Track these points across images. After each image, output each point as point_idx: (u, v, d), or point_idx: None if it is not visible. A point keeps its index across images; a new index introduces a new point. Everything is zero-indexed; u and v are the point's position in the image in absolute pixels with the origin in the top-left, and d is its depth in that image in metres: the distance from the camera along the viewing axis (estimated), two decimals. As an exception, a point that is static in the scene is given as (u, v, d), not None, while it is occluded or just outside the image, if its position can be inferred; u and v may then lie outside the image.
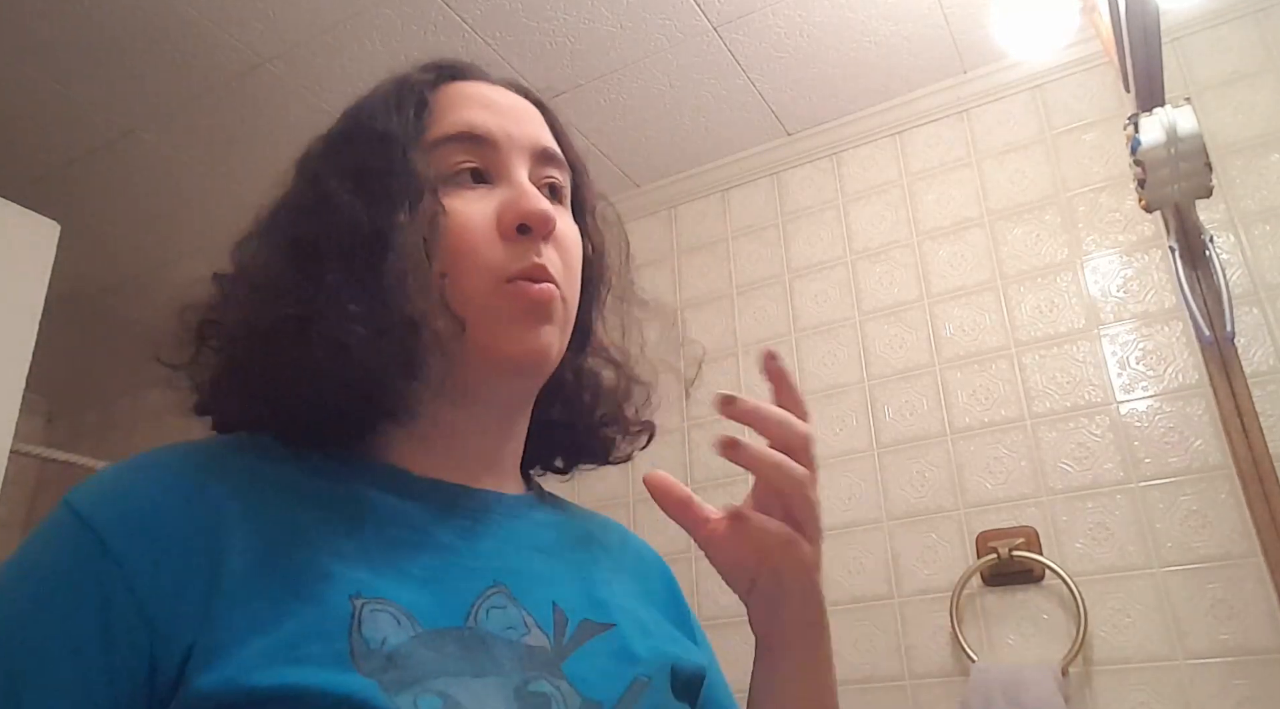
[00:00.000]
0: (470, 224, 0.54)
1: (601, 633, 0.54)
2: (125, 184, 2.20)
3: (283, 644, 0.41)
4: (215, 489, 0.47)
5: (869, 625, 1.68)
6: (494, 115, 0.58)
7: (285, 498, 0.49)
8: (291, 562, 0.45)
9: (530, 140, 0.59)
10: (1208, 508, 1.48)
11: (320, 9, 1.73)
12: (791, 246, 2.07)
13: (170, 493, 0.46)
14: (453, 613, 0.47)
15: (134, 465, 0.48)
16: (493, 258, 0.54)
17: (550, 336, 0.55)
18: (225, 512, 0.46)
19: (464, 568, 0.51)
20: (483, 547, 0.54)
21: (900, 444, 1.78)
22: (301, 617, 0.42)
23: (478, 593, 0.50)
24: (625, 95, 1.98)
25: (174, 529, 0.44)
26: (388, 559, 0.48)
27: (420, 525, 0.52)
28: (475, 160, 0.56)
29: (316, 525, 0.48)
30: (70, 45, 1.79)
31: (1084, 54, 1.83)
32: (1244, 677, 1.38)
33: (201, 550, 0.44)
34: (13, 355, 1.65)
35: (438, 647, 0.45)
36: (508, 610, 0.50)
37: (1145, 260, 1.68)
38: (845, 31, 1.82)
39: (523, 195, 0.55)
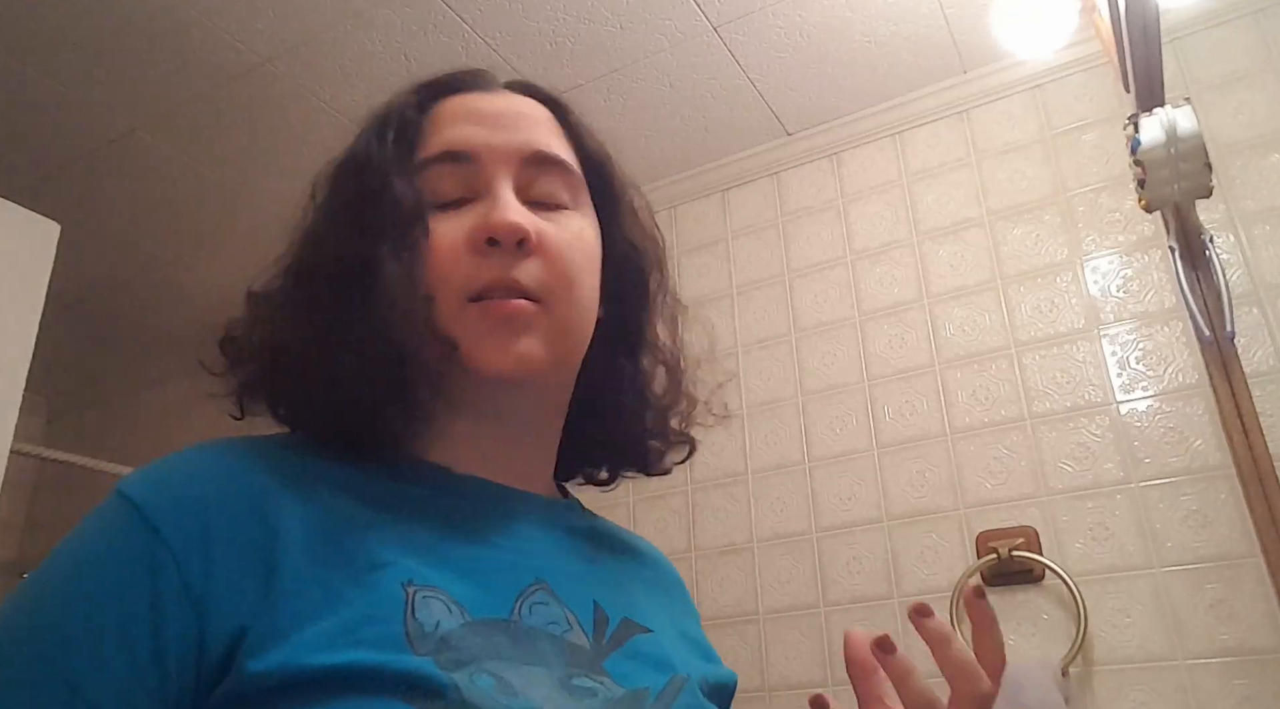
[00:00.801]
0: (444, 243, 0.54)
1: (641, 634, 0.55)
2: (125, 184, 2.20)
3: (340, 628, 0.42)
4: (264, 479, 0.48)
5: (869, 626, 1.68)
6: (477, 128, 0.58)
7: (333, 490, 0.50)
8: (344, 550, 0.46)
9: (518, 146, 0.58)
10: (1208, 508, 1.48)
11: (320, 9, 1.73)
12: (791, 246, 2.07)
13: (219, 481, 0.47)
14: (499, 605, 0.49)
15: (184, 455, 0.49)
16: (459, 276, 0.54)
17: (529, 348, 0.54)
18: (276, 500, 0.47)
19: (507, 563, 0.52)
20: (524, 544, 0.54)
21: (900, 444, 1.78)
22: (357, 603, 0.44)
23: (521, 588, 0.51)
24: (625, 95, 1.98)
25: (223, 514, 0.45)
26: (435, 551, 0.49)
27: (463, 520, 0.53)
28: (459, 178, 0.56)
29: (365, 516, 0.49)
30: (70, 45, 1.79)
31: (1084, 54, 1.83)
32: (1244, 677, 1.38)
33: (253, 536, 0.45)
34: (13, 355, 1.65)
35: (487, 635, 0.46)
36: (550, 607, 0.51)
37: (1145, 260, 1.68)
38: (845, 31, 1.82)
39: (493, 207, 0.54)
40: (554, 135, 0.61)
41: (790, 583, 1.78)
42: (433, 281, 0.54)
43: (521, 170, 0.57)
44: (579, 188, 0.61)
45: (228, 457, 0.49)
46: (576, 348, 0.59)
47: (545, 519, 0.58)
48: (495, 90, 0.62)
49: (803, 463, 1.86)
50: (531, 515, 0.57)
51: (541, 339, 0.55)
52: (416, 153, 0.57)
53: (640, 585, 0.62)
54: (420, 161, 0.57)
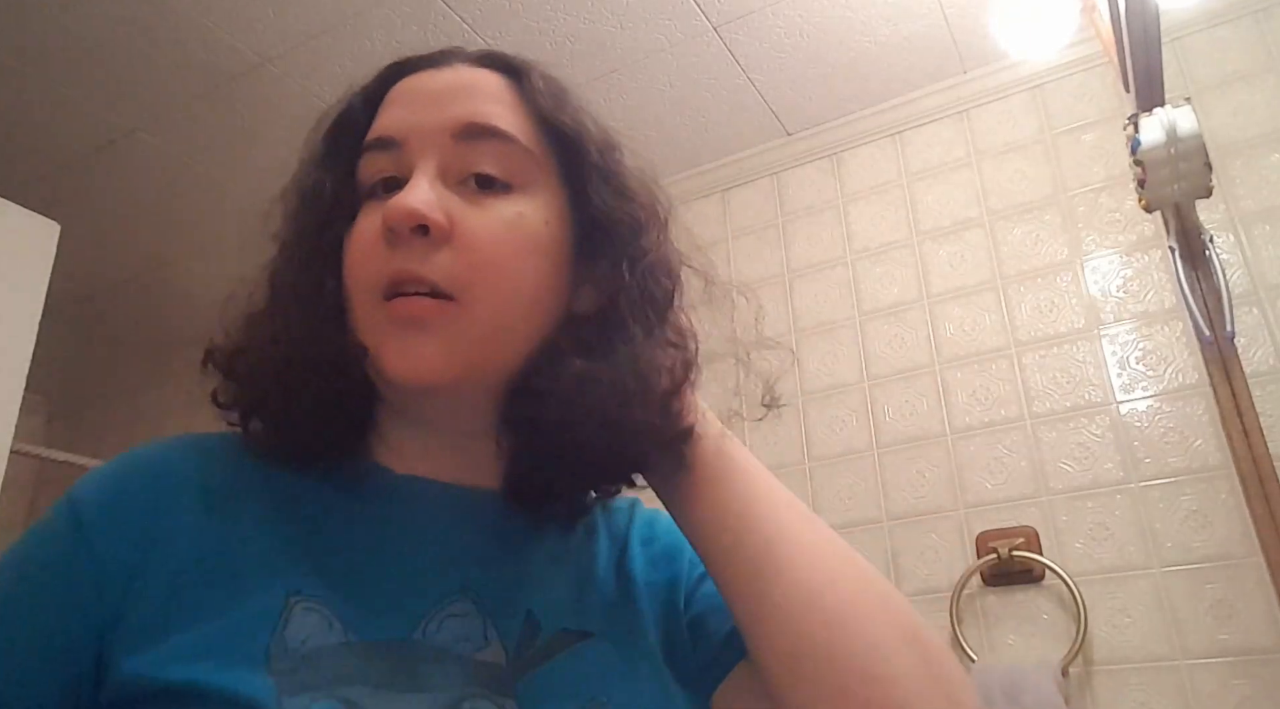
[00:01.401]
0: (359, 239, 0.51)
1: (577, 643, 0.50)
2: (125, 184, 2.20)
3: (204, 640, 0.42)
4: (185, 482, 0.48)
5: (869, 625, 1.68)
6: (407, 110, 0.53)
7: (249, 498, 0.49)
8: (237, 561, 0.46)
9: (447, 122, 0.52)
10: (1208, 508, 1.48)
11: (320, 9, 1.73)
12: (791, 246, 2.07)
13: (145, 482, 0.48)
14: (400, 624, 0.46)
15: (129, 454, 0.51)
16: (368, 272, 0.50)
17: (427, 354, 0.48)
18: (186, 507, 0.47)
19: (429, 574, 0.49)
20: (458, 551, 0.51)
21: (900, 444, 1.78)
22: (232, 614, 0.43)
23: (437, 601, 0.48)
24: (625, 95, 1.98)
25: (140, 518, 0.46)
26: (338, 563, 0.48)
27: (394, 528, 0.51)
28: (389, 167, 0.52)
29: (273, 525, 0.48)
30: (70, 45, 1.79)
31: (1084, 54, 1.83)
32: (1244, 677, 1.38)
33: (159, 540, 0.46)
34: (13, 355, 1.65)
35: (366, 657, 0.44)
36: (467, 620, 0.48)
37: (1145, 260, 1.68)
38: (845, 31, 1.82)
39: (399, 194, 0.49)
40: (501, 105, 0.54)
41: (790, 583, 1.77)
42: (349, 280, 0.51)
43: (451, 147, 0.51)
44: (528, 163, 0.53)
45: (160, 456, 0.50)
46: (504, 350, 0.51)
47: (491, 519, 0.54)
48: (450, 66, 0.56)
49: (803, 462, 1.86)
50: (475, 517, 0.53)
51: (446, 343, 0.48)
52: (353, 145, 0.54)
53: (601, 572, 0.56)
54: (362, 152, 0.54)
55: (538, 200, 0.53)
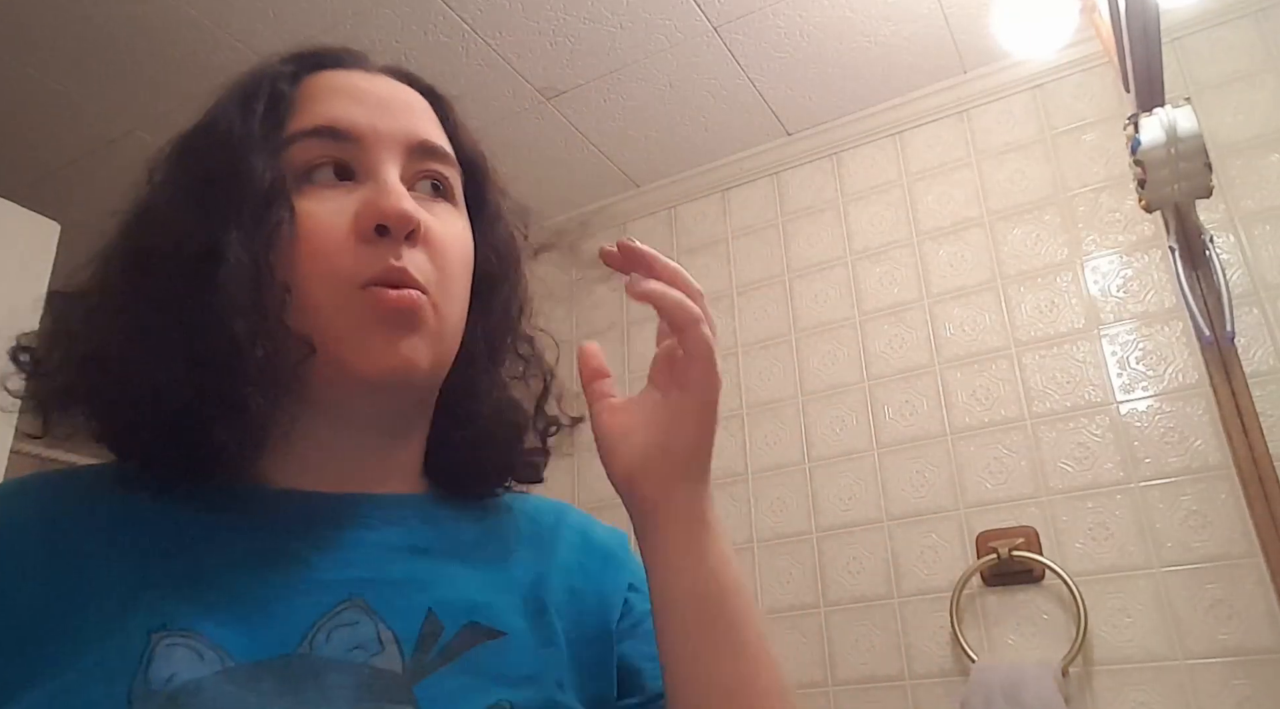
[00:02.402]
0: (321, 227, 0.49)
1: (486, 641, 0.48)
2: (125, 184, 2.20)
3: (61, 691, 0.39)
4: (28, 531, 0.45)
5: (869, 625, 1.68)
6: (361, 108, 0.53)
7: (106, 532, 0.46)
8: (88, 606, 0.42)
9: (404, 134, 0.53)
10: (1208, 508, 1.48)
11: (320, 9, 1.73)
12: (791, 246, 2.07)
13: None
14: (283, 639, 0.43)
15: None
16: (345, 263, 0.48)
17: (415, 349, 0.49)
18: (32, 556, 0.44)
19: (313, 583, 0.46)
20: (344, 556, 0.49)
21: (900, 444, 1.78)
22: (88, 659, 0.40)
23: (324, 611, 0.45)
24: (625, 95, 1.98)
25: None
26: (213, 588, 0.44)
27: (265, 544, 0.48)
28: (336, 157, 0.51)
29: (134, 558, 0.45)
30: (70, 45, 1.79)
31: (1084, 54, 1.83)
32: (1244, 677, 1.38)
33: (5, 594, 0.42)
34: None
35: (246, 682, 0.41)
36: (359, 627, 0.45)
37: (1145, 260, 1.68)
38: (845, 31, 1.82)
39: (385, 192, 0.49)
40: (435, 127, 0.57)
41: (790, 583, 1.78)
42: (300, 268, 0.48)
43: (407, 159, 0.53)
44: (457, 183, 0.57)
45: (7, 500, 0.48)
46: (452, 350, 0.54)
47: (382, 521, 0.52)
48: (375, 72, 0.57)
49: (803, 463, 1.86)
50: (361, 521, 0.51)
51: (428, 338, 0.50)
52: (285, 127, 0.52)
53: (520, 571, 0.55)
54: (290, 135, 0.51)
55: (464, 219, 0.57)
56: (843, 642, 1.69)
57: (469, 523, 0.56)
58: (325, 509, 0.50)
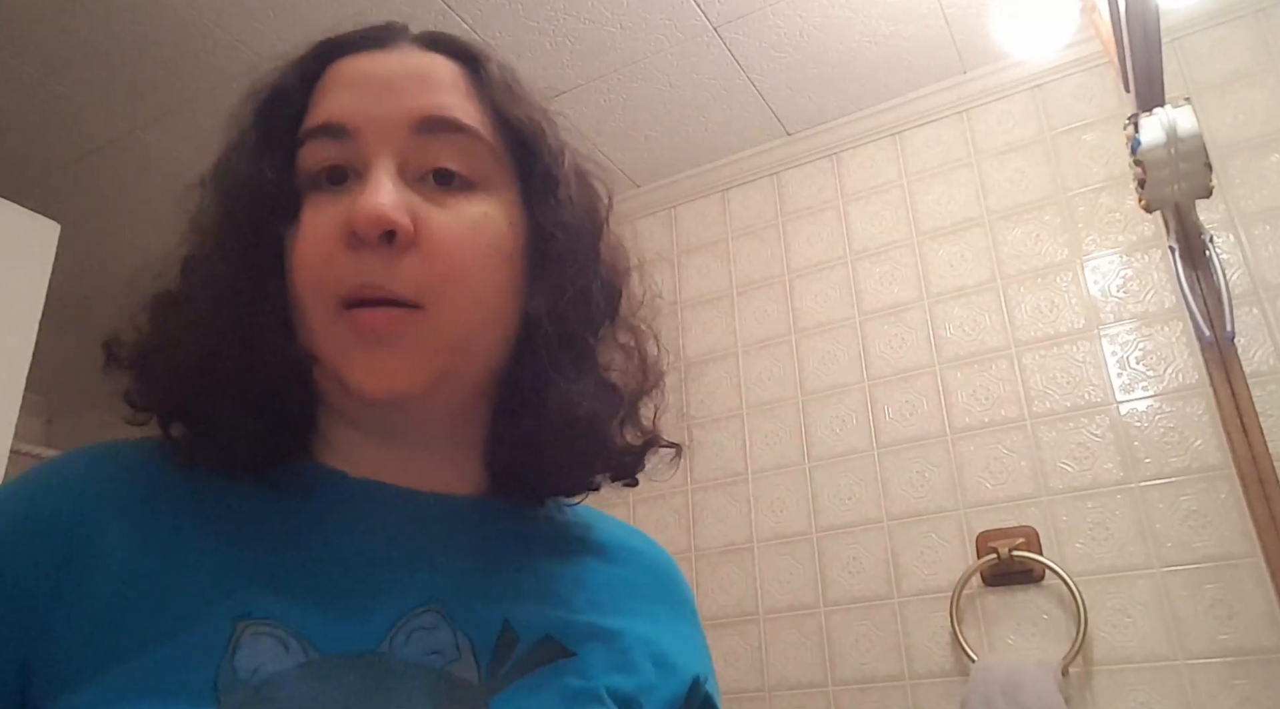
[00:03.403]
0: (313, 237, 0.46)
1: (559, 659, 0.47)
2: (125, 184, 2.20)
3: (147, 673, 0.38)
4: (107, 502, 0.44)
5: (869, 625, 1.68)
6: (359, 95, 0.49)
7: (184, 510, 0.45)
8: (175, 584, 0.41)
9: (404, 113, 0.48)
10: (1208, 508, 1.48)
11: (320, 9, 1.73)
12: (791, 246, 2.07)
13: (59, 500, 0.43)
14: (367, 636, 0.43)
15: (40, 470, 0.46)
16: (329, 276, 0.46)
17: (395, 371, 0.46)
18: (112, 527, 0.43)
19: (392, 583, 0.45)
20: (423, 559, 0.48)
21: (900, 444, 1.78)
22: (174, 643, 0.39)
23: (403, 613, 0.44)
24: (625, 95, 1.98)
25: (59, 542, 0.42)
26: (295, 575, 0.44)
27: (350, 536, 0.47)
28: (336, 157, 0.48)
29: (215, 539, 0.44)
30: (70, 45, 1.79)
31: (1084, 54, 1.83)
32: (1244, 677, 1.38)
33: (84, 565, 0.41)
34: (13, 355, 1.65)
35: (328, 677, 0.40)
36: (437, 633, 0.44)
37: (1145, 260, 1.68)
38: (845, 31, 1.82)
39: (364, 193, 0.45)
40: (460, 96, 0.51)
41: (790, 583, 1.78)
42: (301, 283, 0.46)
43: (410, 141, 0.48)
44: (488, 159, 0.50)
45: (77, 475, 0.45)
46: (472, 355, 0.50)
47: (466, 525, 0.51)
48: (397, 47, 0.53)
49: (803, 463, 1.86)
50: (444, 523, 0.50)
51: (416, 354, 0.46)
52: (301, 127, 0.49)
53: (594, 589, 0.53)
54: (299, 137, 0.49)
55: (499, 200, 0.51)
56: (843, 642, 1.69)
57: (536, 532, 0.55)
58: (399, 506, 0.49)
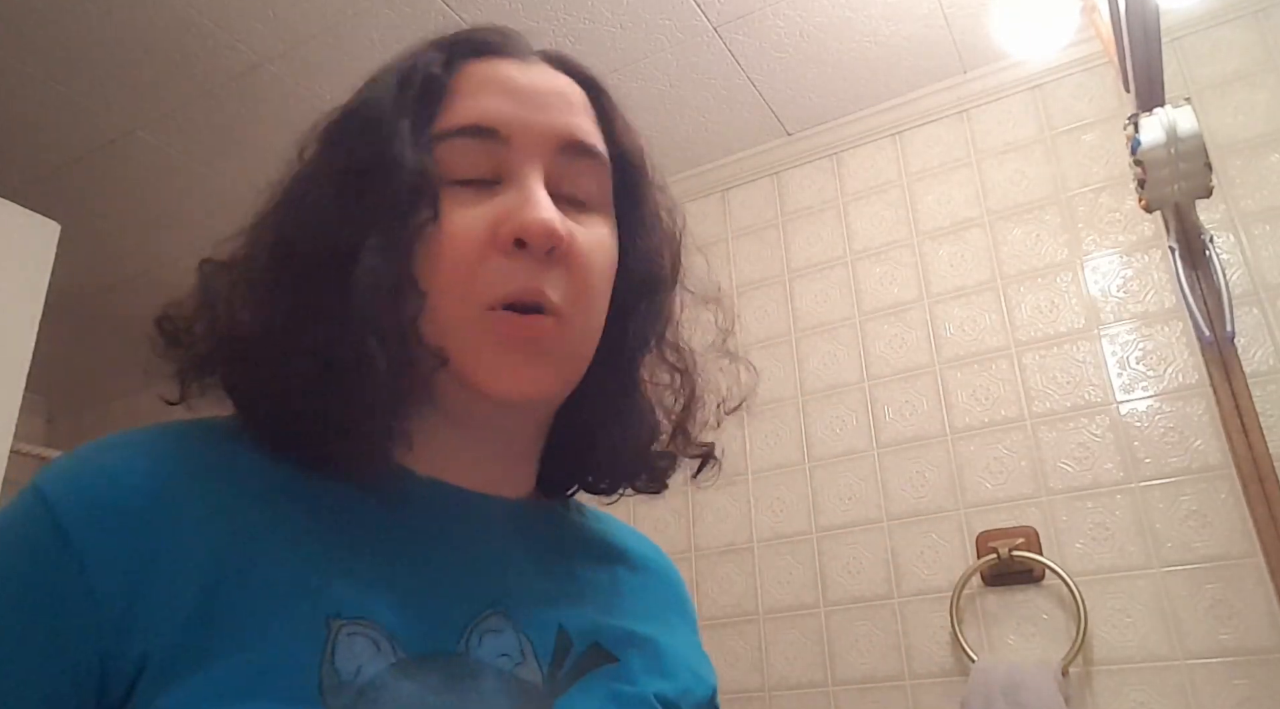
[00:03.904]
0: (461, 236, 0.46)
1: (605, 665, 0.49)
2: (125, 184, 2.20)
3: (250, 671, 0.38)
4: (187, 485, 0.42)
5: (869, 625, 1.68)
6: (512, 102, 0.50)
7: (263, 499, 0.44)
8: (265, 576, 0.41)
9: (554, 131, 0.50)
10: (1208, 508, 1.48)
11: (320, 9, 1.73)
12: (791, 246, 2.07)
13: (136, 485, 0.41)
14: (446, 636, 0.44)
15: (107, 448, 0.44)
16: (479, 277, 0.46)
17: (540, 379, 0.48)
18: (193, 513, 0.41)
19: (462, 586, 0.46)
20: (487, 562, 0.49)
21: (900, 444, 1.78)
22: (271, 641, 0.39)
23: (474, 615, 0.45)
24: (625, 95, 1.96)
25: (138, 526, 0.40)
26: (378, 572, 0.44)
27: (419, 535, 0.47)
28: (483, 158, 0.48)
29: (296, 532, 0.43)
30: (70, 45, 1.79)
31: (1084, 54, 1.83)
32: (1244, 677, 1.38)
33: (165, 553, 0.40)
34: (13, 355, 1.65)
35: (418, 677, 0.41)
36: (504, 635, 0.45)
37: (1145, 260, 1.68)
38: (845, 31, 1.82)
39: (526, 202, 0.46)
40: (590, 122, 0.53)
41: (790, 583, 1.78)
42: (435, 278, 0.46)
43: (554, 159, 0.50)
44: (607, 185, 0.53)
45: (152, 454, 0.43)
46: (584, 366, 0.52)
47: (517, 529, 0.52)
48: (530, 60, 0.54)
49: (803, 463, 1.86)
50: (501, 526, 0.51)
51: (556, 362, 0.49)
52: (436, 121, 0.49)
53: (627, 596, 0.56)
54: (440, 132, 0.48)
55: (608, 223, 0.53)
56: (843, 642, 1.69)
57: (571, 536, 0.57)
58: (465, 508, 0.50)
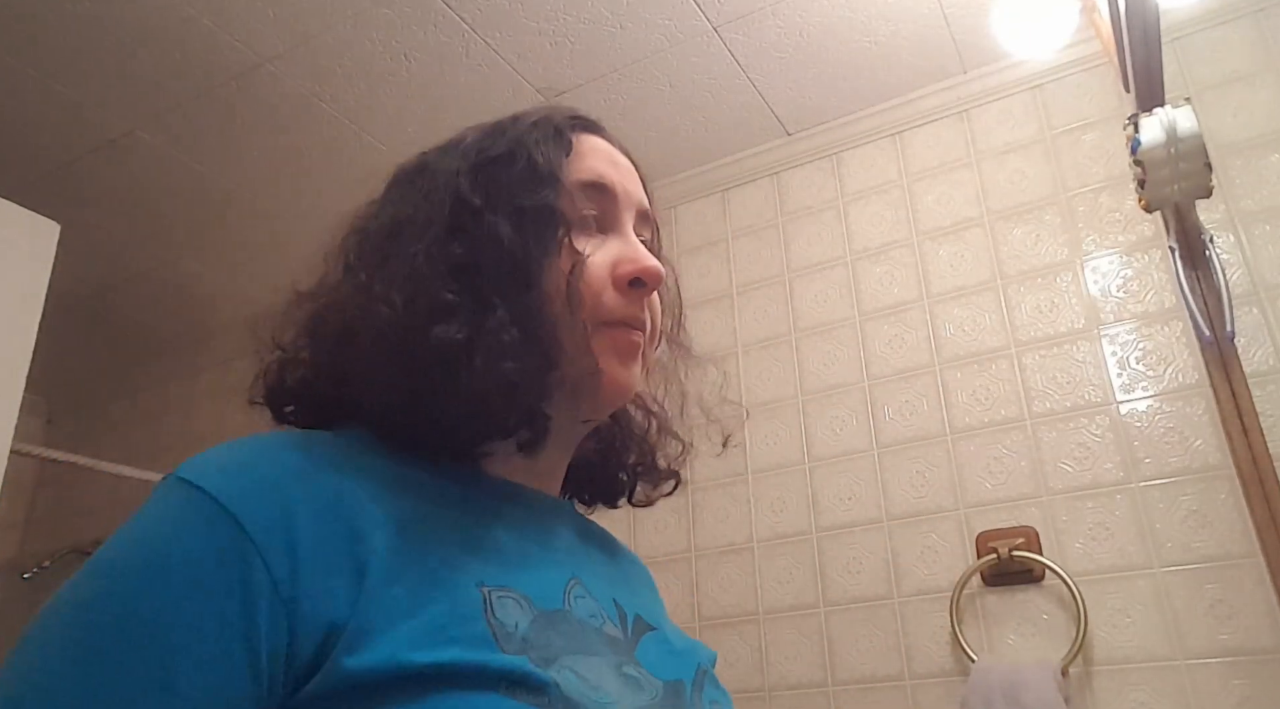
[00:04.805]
0: (596, 272, 0.58)
1: (651, 631, 0.59)
2: (125, 184, 2.20)
3: (430, 626, 0.44)
4: (337, 475, 0.48)
5: (869, 625, 1.68)
6: (616, 172, 0.63)
7: (402, 491, 0.51)
8: (423, 551, 0.48)
9: (637, 200, 0.64)
10: (1208, 508, 1.48)
11: (321, 9, 1.73)
12: (791, 246, 2.07)
13: (295, 473, 0.47)
14: (555, 597, 0.52)
15: (251, 447, 0.49)
16: (606, 303, 0.58)
17: (636, 378, 0.61)
18: (354, 497, 0.47)
19: (549, 560, 0.56)
20: (560, 545, 0.59)
21: (900, 444, 1.78)
22: (440, 602, 0.45)
23: (564, 582, 0.54)
24: (625, 95, 1.98)
25: (306, 508, 0.45)
26: (499, 552, 0.52)
27: (516, 523, 0.56)
28: (597, 209, 0.60)
29: (435, 518, 0.51)
30: (70, 45, 1.79)
31: (1084, 54, 1.83)
32: (1244, 677, 1.38)
33: (337, 533, 0.45)
34: (13, 355, 1.65)
35: (555, 627, 0.49)
36: (588, 600, 0.54)
37: (1145, 260, 1.68)
38: (845, 31, 1.82)
39: (638, 251, 0.60)
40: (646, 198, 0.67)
41: (790, 583, 1.78)
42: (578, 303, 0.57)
43: (636, 221, 0.63)
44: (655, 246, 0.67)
45: (295, 450, 0.49)
46: None
47: (567, 523, 0.63)
48: (611, 139, 0.67)
49: (803, 463, 1.86)
50: (561, 518, 0.62)
51: (641, 369, 0.62)
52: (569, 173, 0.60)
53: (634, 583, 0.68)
54: (573, 183, 0.60)
55: None
56: (843, 642, 1.69)
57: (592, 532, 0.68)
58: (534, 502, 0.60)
